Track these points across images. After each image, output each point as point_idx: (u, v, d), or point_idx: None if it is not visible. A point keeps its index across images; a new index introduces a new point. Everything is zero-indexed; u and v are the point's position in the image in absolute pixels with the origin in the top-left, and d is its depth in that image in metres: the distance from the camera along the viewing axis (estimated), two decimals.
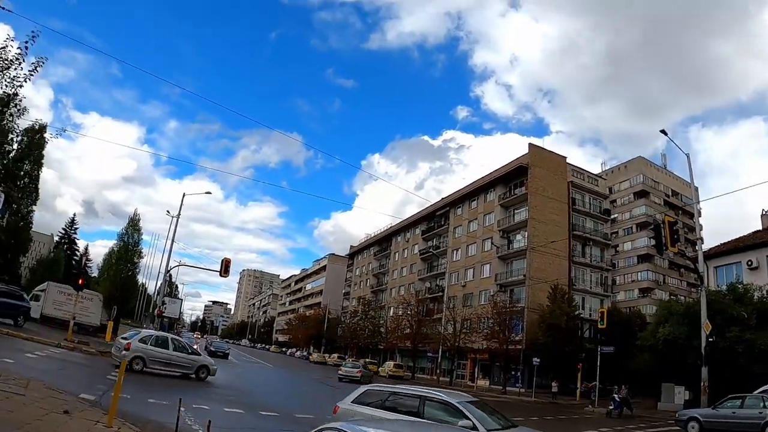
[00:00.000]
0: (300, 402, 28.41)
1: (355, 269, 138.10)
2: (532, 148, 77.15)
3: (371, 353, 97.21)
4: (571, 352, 55.29)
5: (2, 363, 18.33)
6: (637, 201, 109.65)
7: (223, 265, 45.20)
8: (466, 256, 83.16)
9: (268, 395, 28.27)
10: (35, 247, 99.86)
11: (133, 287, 79.70)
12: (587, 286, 71.75)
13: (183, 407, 12.35)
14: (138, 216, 75.52)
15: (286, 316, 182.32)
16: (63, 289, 50.73)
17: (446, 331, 70.46)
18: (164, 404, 17.22)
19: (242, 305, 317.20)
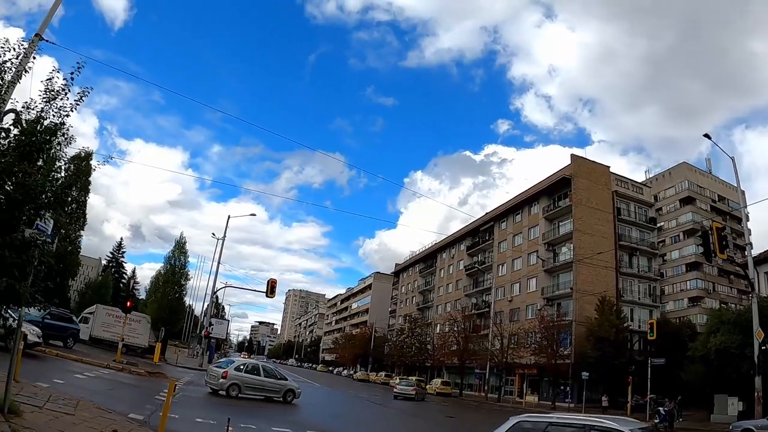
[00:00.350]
0: (346, 421, 28.37)
1: (400, 287, 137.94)
2: (575, 159, 76.41)
3: (418, 371, 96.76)
4: (620, 365, 54.29)
5: (52, 384, 18.65)
6: (683, 208, 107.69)
7: (269, 286, 45.70)
8: (511, 271, 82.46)
9: (314, 414, 28.21)
10: (84, 270, 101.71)
11: (181, 309, 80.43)
12: (635, 297, 70.47)
13: (231, 426, 12.45)
14: (184, 239, 76.32)
15: (333, 336, 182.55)
16: (111, 311, 51.74)
17: (493, 347, 70.05)
18: (211, 423, 17.42)
19: (288, 325, 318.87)
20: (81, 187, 60.36)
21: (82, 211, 64.06)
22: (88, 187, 64.27)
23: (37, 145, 10.79)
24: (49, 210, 11.67)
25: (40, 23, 16.62)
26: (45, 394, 15.55)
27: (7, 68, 11.10)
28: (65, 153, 12.17)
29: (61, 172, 12.05)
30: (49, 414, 12.97)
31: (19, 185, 10.35)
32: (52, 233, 12.51)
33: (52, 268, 13.83)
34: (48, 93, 11.18)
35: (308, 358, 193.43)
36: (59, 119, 11.29)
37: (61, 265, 58.15)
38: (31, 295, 11.15)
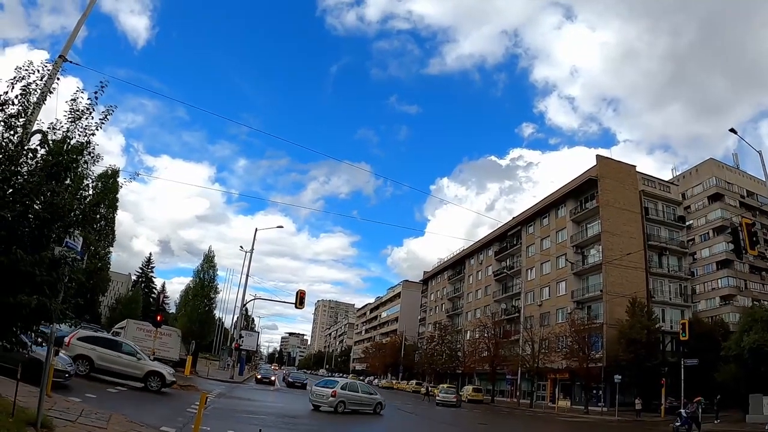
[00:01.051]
0: None
1: (429, 294, 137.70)
2: (600, 160, 75.84)
3: (449, 378, 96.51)
4: (653, 367, 53.62)
5: (85, 398, 18.85)
6: (711, 205, 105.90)
7: (297, 297, 45.85)
8: (540, 275, 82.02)
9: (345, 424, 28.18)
10: (114, 286, 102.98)
11: (211, 322, 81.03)
12: (666, 297, 69.68)
13: None
14: (212, 253, 77.01)
15: (363, 345, 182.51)
16: (142, 325, 52.03)
17: (524, 352, 69.51)
18: None
19: (318, 335, 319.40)
20: (109, 204, 61.04)
21: (110, 228, 64.88)
22: (116, 204, 65.05)
23: (64, 164, 11.00)
24: (78, 228, 11.84)
25: (63, 45, 16.90)
26: (77, 409, 15.75)
27: (32, 90, 11.25)
28: (92, 171, 12.37)
29: (88, 190, 12.23)
30: (82, 428, 13.15)
31: (47, 204, 10.55)
32: (81, 250, 12.68)
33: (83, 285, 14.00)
34: (73, 113, 11.39)
35: (339, 368, 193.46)
36: (85, 138, 11.48)
37: (91, 282, 58.87)
38: (62, 311, 11.32)
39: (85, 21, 18.11)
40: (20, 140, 10.72)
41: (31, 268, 9.81)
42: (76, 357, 24.83)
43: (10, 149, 10.47)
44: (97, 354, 26.23)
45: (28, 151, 10.82)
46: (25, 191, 10.26)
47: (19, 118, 10.81)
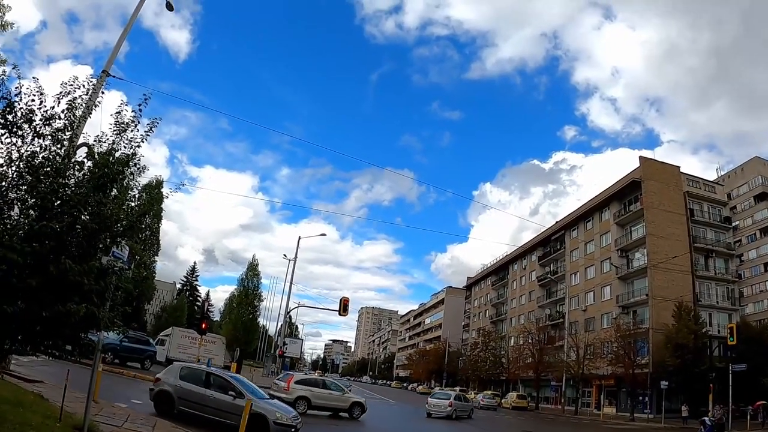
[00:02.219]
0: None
1: (473, 300, 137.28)
2: (644, 161, 74.77)
3: (493, 385, 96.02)
4: (700, 372, 52.54)
5: (131, 404, 19.28)
6: (758, 204, 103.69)
7: (341, 305, 45.99)
8: (585, 279, 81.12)
9: None
10: (159, 294, 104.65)
11: (255, 329, 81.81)
12: (713, 300, 68.33)
13: None
14: (256, 261, 77.84)
15: (406, 352, 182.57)
16: (187, 333, 53.02)
17: (569, 358, 68.95)
18: None
19: (362, 342, 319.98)
20: (154, 214, 62.28)
21: (155, 238, 66.02)
22: (161, 214, 66.34)
23: (110, 175, 11.31)
24: (124, 238, 12.12)
25: (106, 60, 17.29)
26: (123, 414, 16.15)
27: (77, 104, 11.54)
28: (138, 182, 12.63)
29: (134, 200, 12.46)
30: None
31: (94, 215, 10.87)
32: (127, 260, 12.99)
33: (129, 293, 14.36)
34: (118, 125, 11.68)
35: (382, 375, 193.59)
36: (130, 150, 11.75)
37: (137, 290, 59.94)
38: (110, 319, 11.60)
39: (127, 36, 18.50)
40: (67, 153, 11.03)
41: (79, 277, 10.07)
42: (296, 399, 28.46)
43: (57, 162, 10.75)
44: (312, 393, 29.98)
45: (75, 163, 11.17)
46: (72, 202, 10.57)
47: (65, 132, 11.13)
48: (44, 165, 10.56)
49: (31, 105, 10.64)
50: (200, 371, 19.79)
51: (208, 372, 19.63)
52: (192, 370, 20.11)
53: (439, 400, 42.56)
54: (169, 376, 19.20)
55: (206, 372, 19.61)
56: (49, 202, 10.38)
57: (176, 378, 19.00)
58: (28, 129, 10.63)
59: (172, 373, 19.43)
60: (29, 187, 10.36)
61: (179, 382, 18.80)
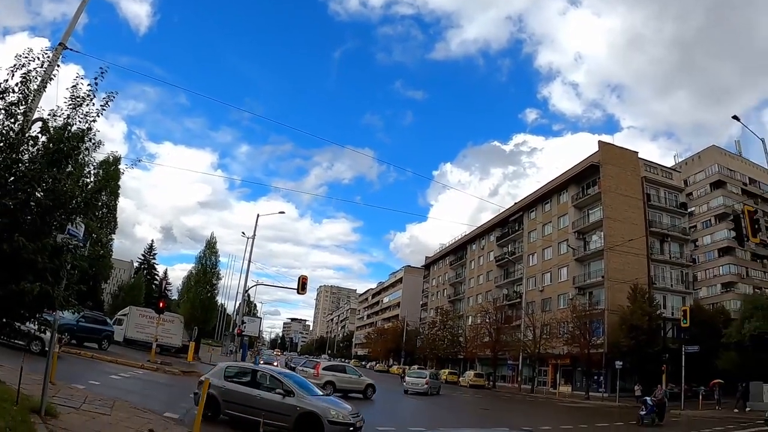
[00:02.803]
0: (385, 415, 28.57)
1: (431, 280, 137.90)
2: (603, 146, 75.74)
3: (451, 363, 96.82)
4: (654, 353, 53.53)
5: (88, 385, 19.07)
6: (713, 192, 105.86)
7: (300, 283, 45.89)
8: (542, 261, 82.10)
9: None
10: (116, 273, 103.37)
11: (213, 308, 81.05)
12: (667, 284, 69.78)
13: None
14: (214, 239, 76.92)
15: (365, 330, 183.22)
16: (145, 312, 52.59)
17: (526, 338, 69.84)
18: None
19: (320, 321, 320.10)
20: (111, 191, 61.20)
21: (112, 215, 65.00)
22: (118, 191, 65.23)
23: (65, 151, 11.01)
24: (80, 215, 11.89)
25: (63, 32, 16.90)
26: (81, 396, 15.95)
27: (32, 78, 11.25)
28: (93, 158, 12.39)
29: (90, 177, 12.25)
30: (86, 415, 13.30)
31: (49, 191, 10.62)
32: (83, 237, 12.74)
33: (85, 272, 14.10)
34: (73, 100, 11.38)
35: (341, 354, 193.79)
36: (86, 125, 11.48)
37: (93, 269, 58.88)
38: (65, 298, 11.39)
39: (86, 8, 18.06)
40: (21, 128, 10.73)
41: (33, 255, 9.88)
42: (325, 383, 31.28)
43: (11, 137, 10.50)
44: (337, 378, 34.08)
45: (29, 138, 10.86)
46: (26, 179, 10.31)
47: (19, 106, 10.82)
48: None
49: None
50: (246, 369, 18.56)
51: (255, 369, 18.36)
52: (238, 368, 18.88)
53: (416, 378, 47.95)
54: (214, 377, 17.63)
55: (252, 370, 18.37)
56: (2, 178, 10.13)
57: (221, 379, 17.57)
58: None
59: (217, 373, 18.07)
60: None
61: (224, 383, 17.32)
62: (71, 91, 11.43)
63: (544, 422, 27.06)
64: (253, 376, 17.67)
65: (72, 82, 11.59)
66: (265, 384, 17.20)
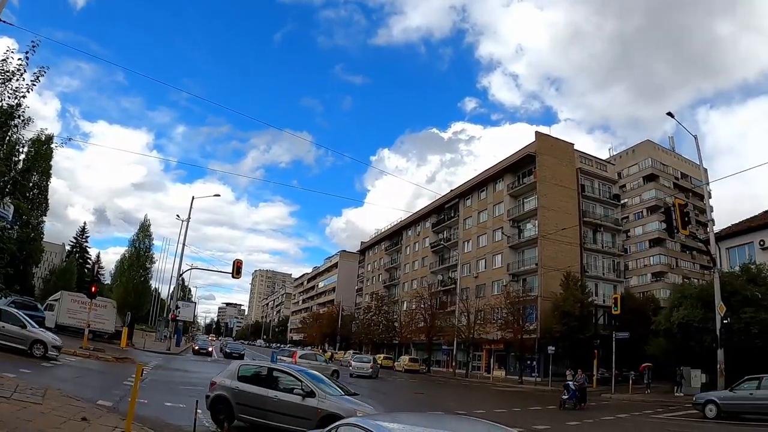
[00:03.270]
0: None
1: (366, 265, 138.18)
2: (539, 137, 76.89)
3: (386, 348, 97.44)
4: (586, 339, 54.73)
5: (19, 373, 18.44)
6: (646, 185, 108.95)
7: (234, 267, 45.60)
8: (477, 247, 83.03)
9: None
10: (47, 257, 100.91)
11: (146, 292, 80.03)
12: (600, 272, 71.59)
13: (199, 409, 12.50)
14: (148, 222, 75.87)
15: (300, 315, 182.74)
16: (76, 297, 51.24)
17: (460, 323, 70.54)
18: (181, 407, 17.30)
19: (256, 306, 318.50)
20: (42, 171, 59.66)
21: (43, 196, 63.39)
22: (50, 172, 63.60)
23: None
24: (9, 195, 11.55)
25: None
26: (12, 384, 15.39)
27: None
28: (23, 136, 12.00)
29: (19, 155, 11.88)
30: (17, 404, 12.83)
31: None
32: (12, 219, 12.41)
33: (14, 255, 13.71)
34: (3, 74, 10.98)
35: (276, 339, 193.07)
36: (15, 101, 11.10)
37: (23, 252, 57.57)
38: None
39: None
40: None
41: None
42: None
43: None
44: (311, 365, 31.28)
45: None
46: None
47: None
48: None
49: None
50: (261, 368, 16.84)
51: (270, 368, 16.54)
52: (252, 367, 17.37)
53: (361, 363, 53.57)
54: (226, 377, 16.00)
55: (268, 368, 16.54)
56: None
57: (233, 379, 15.81)
58: None
59: (230, 373, 16.21)
60: None
61: (237, 384, 15.55)
62: (0, 65, 11.07)
63: (479, 406, 27.48)
64: (269, 375, 15.95)
65: (2, 55, 11.20)
66: (283, 384, 15.40)
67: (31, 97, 11.13)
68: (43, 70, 11.74)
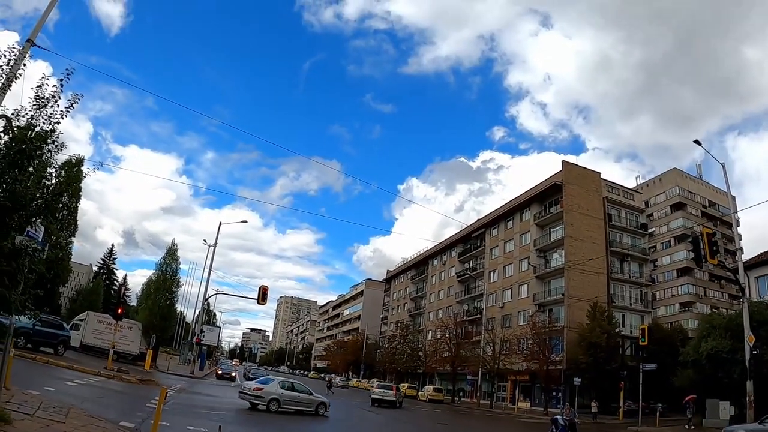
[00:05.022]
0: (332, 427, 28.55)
1: (392, 294, 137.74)
2: (566, 166, 76.51)
3: (410, 377, 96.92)
4: (612, 370, 54.18)
5: (43, 391, 18.52)
6: (674, 213, 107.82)
7: (260, 293, 45.68)
8: (503, 277, 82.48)
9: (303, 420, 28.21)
10: (74, 277, 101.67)
11: (172, 316, 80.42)
12: (627, 302, 70.57)
13: None
14: (176, 246, 76.46)
15: (324, 342, 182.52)
16: (102, 318, 51.50)
17: (485, 354, 69.90)
18: (203, 431, 17.27)
19: (280, 332, 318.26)
20: (72, 193, 60.25)
21: (73, 218, 64.00)
22: (80, 194, 64.24)
23: (28, 152, 10.79)
24: (40, 217, 11.62)
25: (33, 28, 16.66)
26: (36, 402, 15.43)
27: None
28: (56, 159, 12.15)
29: (51, 178, 12.00)
30: (40, 422, 12.84)
31: (8, 192, 10.35)
32: (42, 240, 12.47)
33: (43, 276, 13.80)
34: (38, 100, 11.16)
35: (300, 365, 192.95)
36: (50, 126, 11.27)
37: (51, 273, 57.98)
38: (22, 302, 11.11)
39: (57, 4, 17.87)
40: None
41: None
42: None
43: None
44: None
45: None
46: None
47: None
48: None
49: None
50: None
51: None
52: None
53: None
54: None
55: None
56: None
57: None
58: None
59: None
60: None
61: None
62: (36, 91, 11.24)
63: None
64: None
65: (38, 81, 11.40)
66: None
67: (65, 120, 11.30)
68: (77, 97, 11.98)
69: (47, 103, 11.22)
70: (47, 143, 11.28)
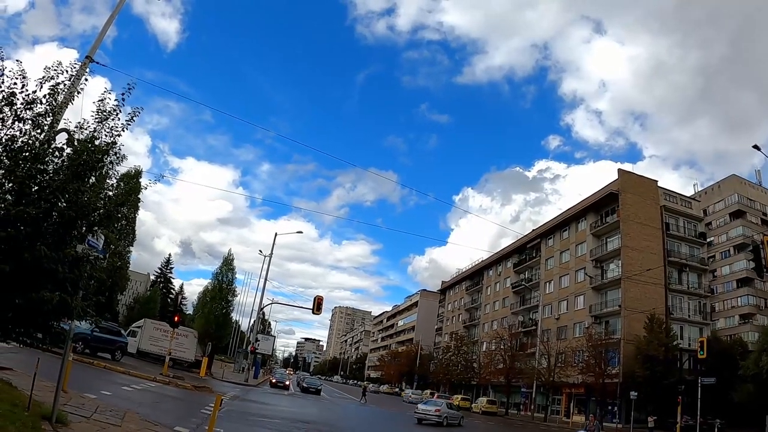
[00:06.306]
0: None
1: (446, 304, 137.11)
2: (622, 174, 75.37)
3: (464, 389, 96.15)
4: (669, 384, 52.81)
5: (100, 395, 19.01)
6: (733, 222, 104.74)
7: (315, 303, 45.88)
8: (558, 288, 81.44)
9: None
10: (132, 285, 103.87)
11: (227, 324, 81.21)
12: (685, 314, 68.90)
13: None
14: (232, 256, 77.14)
15: (378, 353, 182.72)
16: (159, 325, 52.61)
17: (540, 366, 69.23)
18: None
19: (334, 342, 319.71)
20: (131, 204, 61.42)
21: (131, 227, 65.57)
22: (138, 204, 65.49)
23: (90, 164, 11.20)
24: (101, 226, 11.96)
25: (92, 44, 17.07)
26: (92, 405, 15.88)
27: (59, 90, 11.44)
28: (116, 171, 12.49)
29: (112, 189, 12.33)
30: (96, 425, 13.23)
31: (71, 202, 10.78)
32: (102, 249, 12.79)
33: (103, 283, 14.17)
34: (99, 113, 11.54)
35: (354, 375, 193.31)
36: (111, 139, 11.59)
37: (110, 280, 59.29)
38: (83, 308, 11.46)
39: (114, 22, 18.27)
40: (47, 139, 10.89)
41: (54, 264, 10.02)
42: None
43: (36, 147, 10.67)
44: None
45: (54, 149, 11.06)
46: (50, 189, 10.54)
47: (46, 117, 11.06)
48: (23, 150, 10.46)
49: (13, 88, 10.53)
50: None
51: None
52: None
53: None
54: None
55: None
56: (27, 187, 10.28)
57: None
58: (8, 112, 10.51)
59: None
60: (7, 171, 10.25)
61: None
62: (98, 105, 11.63)
63: None
64: None
65: (99, 95, 11.79)
66: None
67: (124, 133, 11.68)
68: (138, 111, 12.37)
69: (108, 116, 11.58)
70: (108, 155, 11.61)
